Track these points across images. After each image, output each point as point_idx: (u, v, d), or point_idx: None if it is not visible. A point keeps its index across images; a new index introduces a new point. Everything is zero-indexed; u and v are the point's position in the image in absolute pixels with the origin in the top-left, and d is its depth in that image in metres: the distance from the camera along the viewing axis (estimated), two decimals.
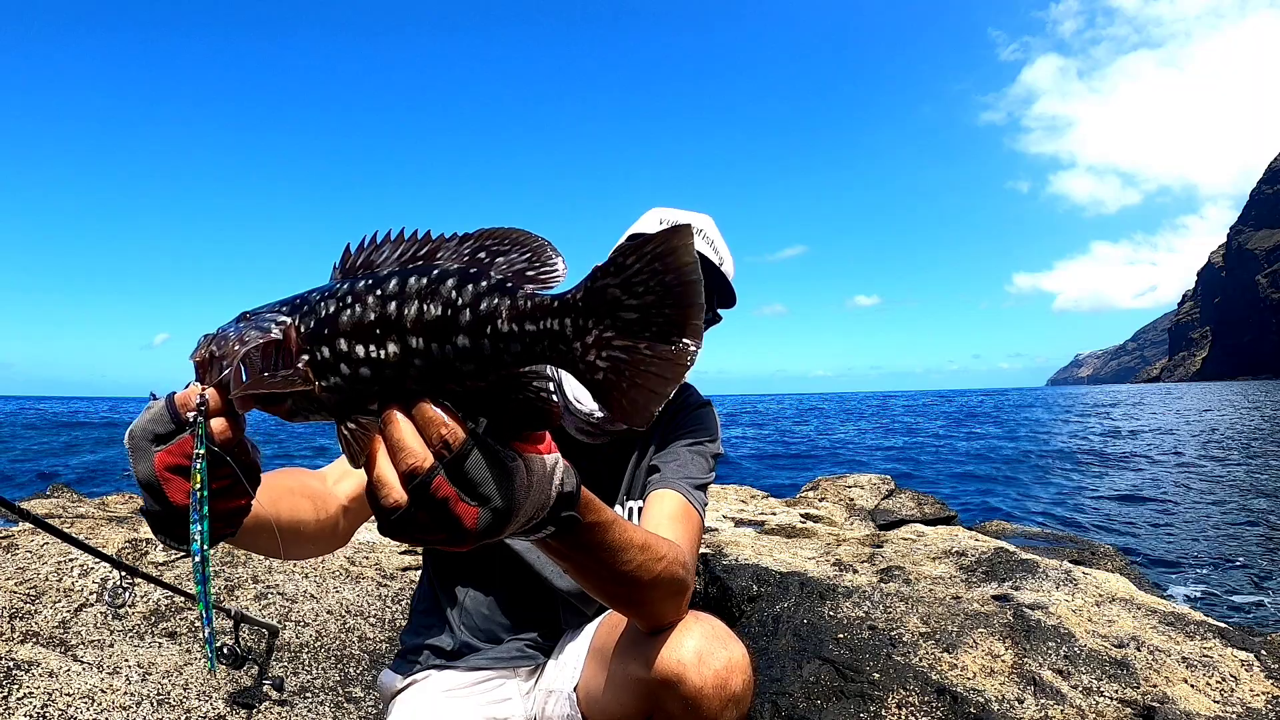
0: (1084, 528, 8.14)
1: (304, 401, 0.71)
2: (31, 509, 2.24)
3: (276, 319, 0.72)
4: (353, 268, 0.71)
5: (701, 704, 1.09)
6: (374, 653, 2.55)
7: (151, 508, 0.73)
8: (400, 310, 0.64)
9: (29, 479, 14.38)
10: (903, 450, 20.90)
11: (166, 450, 0.71)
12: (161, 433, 0.71)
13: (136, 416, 0.75)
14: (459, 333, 0.63)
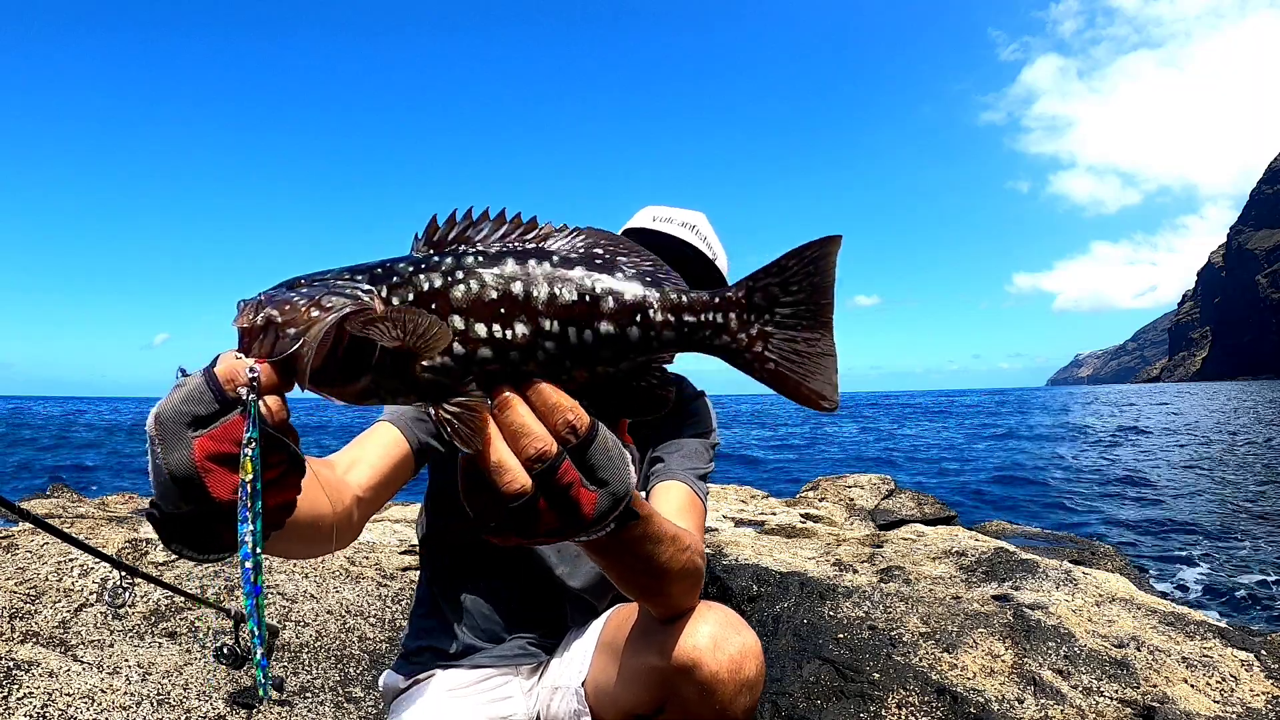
0: (1084, 528, 8.14)
1: (393, 380, 0.64)
2: (31, 509, 2.24)
3: (359, 287, 0.64)
4: (443, 241, 0.68)
5: (717, 689, 1.11)
6: (374, 653, 2.55)
7: (175, 508, 0.59)
8: (529, 291, 0.65)
9: (31, 479, 14.38)
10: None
11: (209, 435, 0.59)
12: (202, 414, 0.59)
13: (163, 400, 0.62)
14: (602, 319, 0.67)
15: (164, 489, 0.59)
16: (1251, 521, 8.24)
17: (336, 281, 0.65)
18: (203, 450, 0.59)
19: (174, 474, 0.58)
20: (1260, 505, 9.32)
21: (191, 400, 0.59)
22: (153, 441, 0.59)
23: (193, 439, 0.58)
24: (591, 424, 0.66)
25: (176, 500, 0.59)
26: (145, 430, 0.61)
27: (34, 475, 15.09)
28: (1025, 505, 10.16)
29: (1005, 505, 10.17)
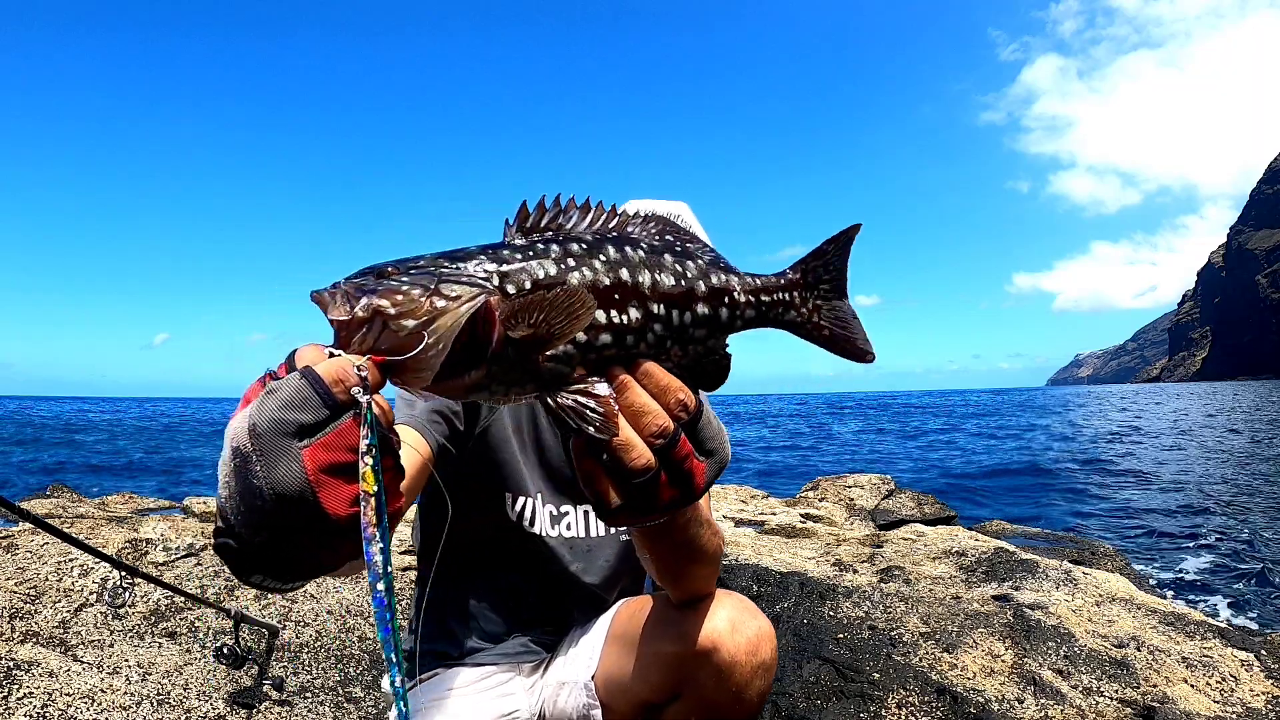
0: (1084, 528, 8.14)
1: (513, 371, 0.62)
2: (31, 509, 2.24)
3: (473, 274, 0.62)
4: (535, 227, 0.69)
5: (734, 671, 1.14)
6: (374, 653, 2.55)
7: (268, 531, 0.52)
8: (636, 277, 0.68)
9: (31, 479, 14.39)
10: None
11: (320, 444, 0.52)
12: (309, 422, 0.53)
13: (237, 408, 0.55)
14: (698, 301, 0.72)
15: (259, 511, 0.52)
16: (1252, 522, 8.24)
17: (442, 268, 0.62)
18: (315, 462, 0.52)
19: (280, 492, 0.51)
20: (1261, 505, 9.33)
21: (294, 406, 0.52)
22: (246, 458, 0.51)
23: (301, 450, 0.52)
24: (698, 399, 0.70)
25: (279, 521, 0.52)
26: (232, 447, 0.53)
27: (34, 475, 15.09)
28: (1025, 505, 10.16)
29: (1005, 505, 10.18)
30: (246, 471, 0.52)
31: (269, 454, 0.52)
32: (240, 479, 0.52)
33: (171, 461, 19.49)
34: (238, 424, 0.53)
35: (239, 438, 0.52)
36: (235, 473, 0.53)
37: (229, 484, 0.53)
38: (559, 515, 1.44)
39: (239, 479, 0.52)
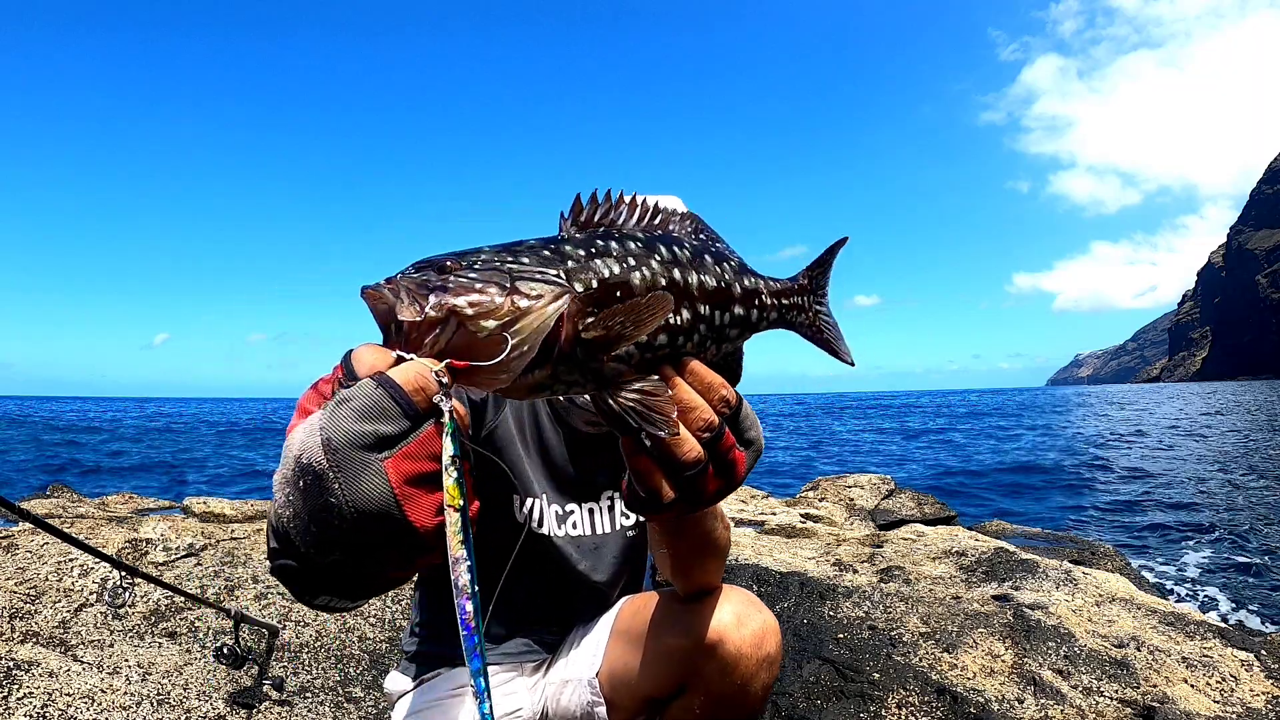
0: (1084, 528, 8.14)
1: (577, 372, 0.62)
2: (31, 509, 2.24)
3: (545, 271, 0.60)
4: (589, 222, 0.69)
5: (740, 664, 1.16)
6: (374, 653, 2.55)
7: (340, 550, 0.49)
8: (686, 278, 0.70)
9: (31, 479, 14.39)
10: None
11: (401, 455, 0.50)
12: (390, 433, 0.50)
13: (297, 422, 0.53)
14: (735, 303, 0.76)
15: (335, 530, 0.49)
16: (1252, 521, 8.24)
17: (510, 264, 0.60)
18: (399, 474, 0.50)
19: (363, 508, 0.48)
20: (1261, 505, 9.33)
21: (373, 417, 0.50)
22: (320, 476, 0.48)
23: (381, 463, 0.49)
24: (737, 394, 0.72)
25: (359, 539, 0.49)
26: (300, 464, 0.49)
27: (34, 475, 15.10)
28: (1025, 504, 10.16)
29: (1005, 505, 10.18)
30: (320, 489, 0.48)
31: (348, 469, 0.49)
32: (310, 498, 0.49)
33: (171, 462, 19.50)
34: (304, 439, 0.50)
35: (309, 453, 0.49)
36: (304, 492, 0.49)
37: (292, 503, 0.50)
38: (564, 515, 1.44)
39: (309, 498, 0.49)
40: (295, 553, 0.51)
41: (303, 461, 0.50)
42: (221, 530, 3.32)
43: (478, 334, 0.55)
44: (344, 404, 0.51)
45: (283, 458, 0.52)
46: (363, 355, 0.55)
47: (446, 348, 0.55)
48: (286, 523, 0.51)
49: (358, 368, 0.54)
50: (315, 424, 0.51)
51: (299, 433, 0.51)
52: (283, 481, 0.51)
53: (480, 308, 0.55)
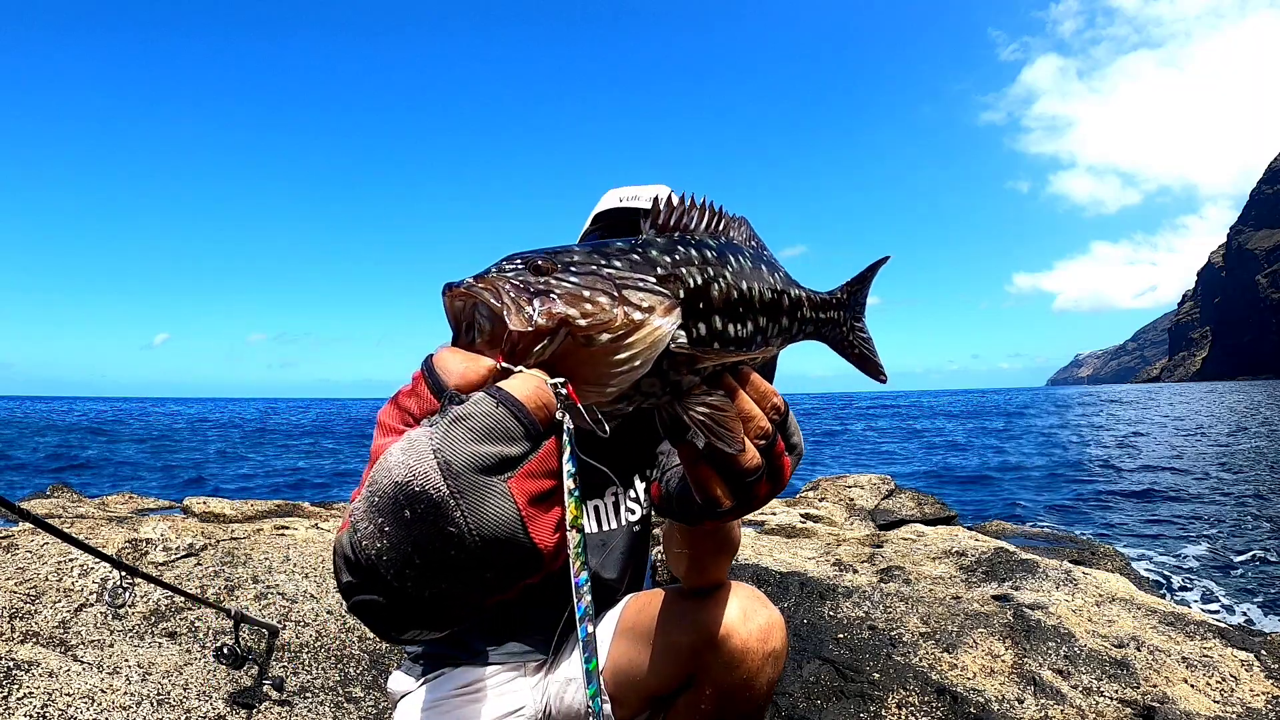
0: (1084, 528, 8.14)
1: (658, 382, 0.61)
2: (31, 509, 2.24)
3: (645, 280, 0.58)
4: (666, 225, 0.69)
5: (746, 658, 1.17)
6: (374, 653, 2.55)
7: (467, 570, 0.45)
8: (749, 288, 0.71)
9: (31, 479, 14.39)
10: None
11: (524, 474, 0.47)
12: (515, 454, 0.47)
13: (394, 449, 0.47)
14: (783, 314, 0.76)
15: (448, 560, 0.45)
16: (1252, 521, 8.24)
17: (608, 269, 0.57)
18: (524, 495, 0.47)
19: (488, 535, 0.45)
20: (1261, 505, 9.33)
21: (496, 437, 0.46)
22: (437, 504, 0.44)
23: (504, 485, 0.46)
24: (785, 401, 0.73)
25: (478, 568, 0.45)
26: (408, 491, 0.44)
27: (34, 475, 15.09)
28: (1026, 504, 10.16)
29: (1005, 504, 10.18)
30: (436, 517, 0.44)
31: (471, 495, 0.45)
32: (419, 526, 0.44)
33: (172, 461, 19.50)
34: (411, 462, 0.45)
35: (420, 479, 0.44)
36: (410, 521, 0.44)
37: (387, 534, 0.45)
38: None
39: (416, 527, 0.44)
40: (385, 587, 0.46)
41: (412, 488, 0.45)
42: (221, 530, 3.32)
43: (589, 346, 0.53)
44: (459, 423, 0.46)
45: (372, 483, 0.47)
46: (448, 363, 0.51)
47: (549, 357, 0.52)
48: (374, 555, 0.46)
49: (445, 377, 0.50)
50: (424, 446, 0.46)
51: (397, 455, 0.46)
52: (372, 510, 0.46)
53: (593, 319, 0.53)
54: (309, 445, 25.62)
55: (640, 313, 0.55)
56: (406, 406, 0.52)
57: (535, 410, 0.48)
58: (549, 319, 0.52)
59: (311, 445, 25.57)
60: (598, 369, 0.54)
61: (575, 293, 0.54)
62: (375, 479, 0.47)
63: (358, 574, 0.47)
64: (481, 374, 0.51)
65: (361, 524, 0.47)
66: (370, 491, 0.47)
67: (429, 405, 0.50)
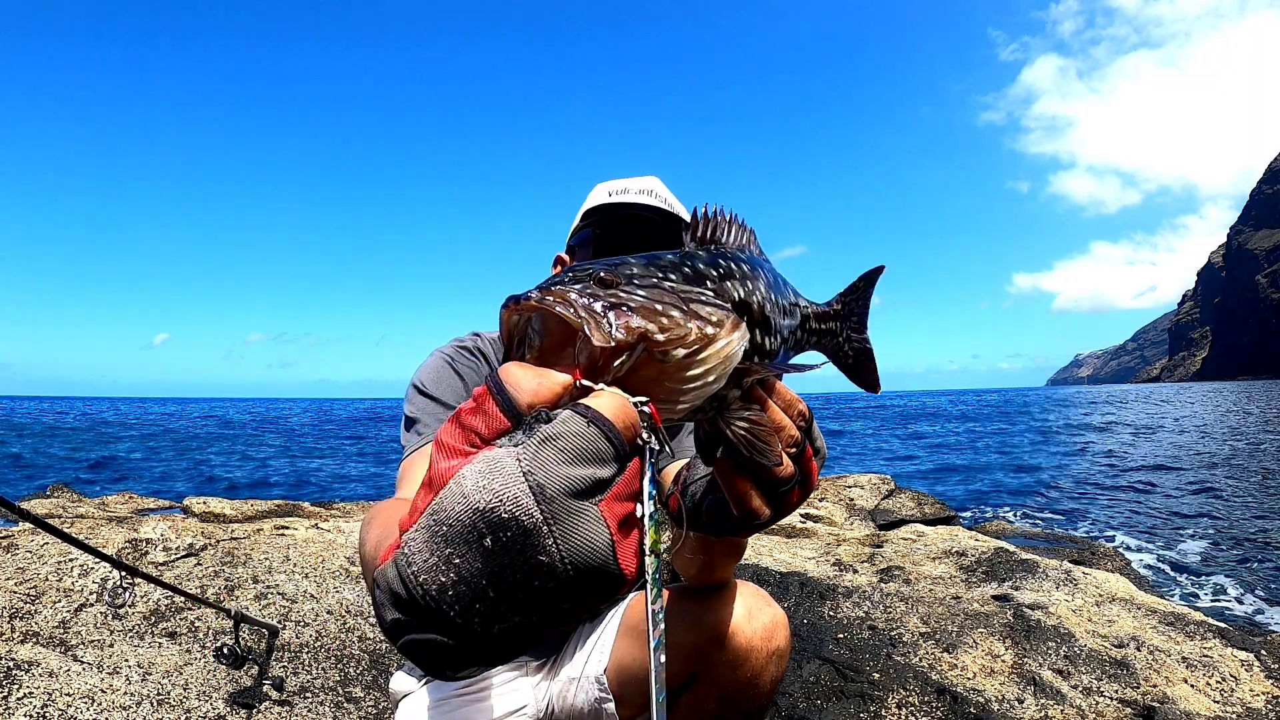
0: (1084, 528, 8.14)
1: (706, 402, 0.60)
2: (31, 509, 2.24)
3: (704, 292, 0.57)
4: (704, 238, 0.70)
5: (750, 657, 1.17)
6: (374, 653, 2.55)
7: (550, 601, 0.42)
8: (775, 301, 0.72)
9: (31, 479, 14.39)
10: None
11: (613, 497, 0.44)
12: (605, 477, 0.44)
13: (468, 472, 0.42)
14: (796, 326, 0.78)
15: (532, 592, 0.41)
16: (1252, 521, 8.24)
17: (665, 282, 0.56)
18: (615, 519, 0.44)
19: (581, 563, 0.41)
20: (1261, 505, 9.33)
21: (589, 459, 0.43)
22: (528, 532, 0.41)
23: (598, 508, 0.43)
24: (809, 407, 0.74)
25: (564, 598, 0.42)
26: (493, 519, 0.41)
27: (34, 475, 15.10)
28: (1026, 504, 10.17)
29: (1005, 504, 10.18)
30: (525, 546, 0.40)
31: (565, 520, 0.41)
32: (501, 556, 0.41)
33: (171, 461, 19.51)
34: (499, 488, 0.41)
35: (509, 505, 0.41)
36: (490, 550, 0.41)
37: (456, 566, 0.41)
38: None
39: (497, 557, 0.41)
40: (446, 624, 0.42)
41: (498, 515, 0.41)
42: (221, 530, 3.32)
43: (664, 361, 0.50)
44: (549, 444, 0.43)
45: (437, 511, 0.43)
46: (520, 380, 0.48)
47: (624, 373, 0.49)
48: (437, 591, 0.41)
49: (517, 395, 0.47)
50: (512, 469, 0.42)
51: (475, 479, 0.42)
52: (437, 540, 0.42)
53: (670, 333, 0.50)
54: (309, 445, 25.63)
55: (711, 327, 0.53)
56: (472, 425, 0.47)
57: (623, 429, 0.46)
58: (628, 333, 0.49)
59: (312, 445, 25.58)
60: (670, 385, 0.52)
61: (649, 306, 0.51)
62: (444, 506, 0.42)
63: (412, 611, 0.43)
64: (556, 391, 0.48)
65: (420, 556, 0.42)
66: (435, 520, 0.42)
67: (499, 424, 0.46)
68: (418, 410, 1.22)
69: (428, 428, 1.19)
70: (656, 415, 0.49)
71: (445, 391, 1.24)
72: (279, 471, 16.88)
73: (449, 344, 1.35)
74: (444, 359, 1.30)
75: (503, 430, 0.46)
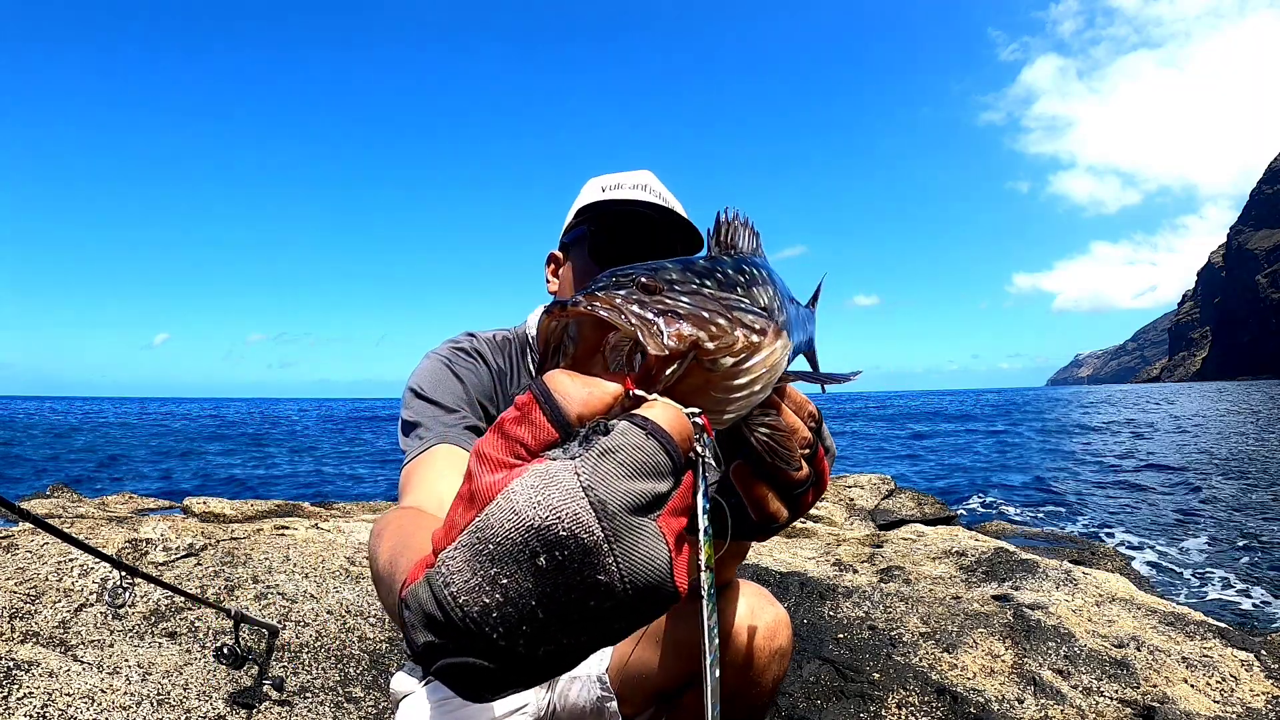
0: (1084, 528, 8.14)
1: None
2: (31, 509, 2.24)
3: (742, 301, 0.56)
4: (724, 243, 0.69)
5: (753, 656, 1.18)
6: (374, 653, 2.55)
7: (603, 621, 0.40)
8: (787, 306, 0.72)
9: (31, 479, 14.39)
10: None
11: (669, 512, 0.42)
12: (664, 491, 0.42)
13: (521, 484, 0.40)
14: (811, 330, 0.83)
15: (589, 612, 0.39)
16: (1252, 521, 8.24)
17: (703, 288, 0.55)
18: (673, 535, 0.42)
19: (641, 582, 0.39)
20: (1261, 505, 9.33)
21: (649, 473, 0.41)
22: (589, 549, 0.39)
23: (657, 524, 0.41)
24: (818, 408, 0.74)
25: (622, 617, 0.40)
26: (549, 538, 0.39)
27: (34, 475, 15.10)
28: (1026, 504, 10.17)
29: (1005, 504, 10.18)
30: (583, 564, 0.38)
31: (626, 537, 0.39)
32: (557, 577, 0.39)
33: (172, 461, 19.51)
34: (556, 503, 0.39)
35: (571, 522, 0.38)
36: (546, 571, 0.39)
37: (503, 588, 0.39)
38: None
39: (554, 577, 0.39)
40: (487, 647, 0.40)
41: (555, 533, 0.38)
42: (221, 530, 3.32)
43: (713, 370, 0.49)
44: (609, 457, 0.41)
45: (482, 529, 0.40)
46: (568, 389, 0.45)
47: (674, 381, 0.48)
48: (479, 612, 0.39)
49: (566, 404, 0.45)
50: (570, 484, 0.40)
51: (528, 494, 0.40)
52: (481, 559, 0.40)
53: (719, 341, 0.49)
54: (309, 445, 25.64)
55: (756, 335, 0.52)
56: (518, 436, 0.44)
57: (681, 442, 0.44)
58: (679, 341, 0.47)
59: (312, 445, 25.59)
60: (715, 395, 0.50)
61: (697, 314, 0.50)
62: (491, 523, 0.40)
63: (449, 634, 0.40)
64: (607, 401, 0.46)
65: (460, 576, 0.40)
66: (480, 538, 0.40)
67: (546, 435, 0.44)
68: (417, 414, 1.18)
69: (429, 431, 1.16)
70: (709, 427, 0.47)
71: (445, 395, 1.20)
72: (279, 471, 16.88)
73: (443, 346, 1.31)
74: (441, 361, 1.26)
75: (550, 442, 0.43)
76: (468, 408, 1.19)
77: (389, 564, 0.70)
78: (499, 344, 1.34)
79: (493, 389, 1.27)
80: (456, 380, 1.23)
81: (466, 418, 1.18)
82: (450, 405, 1.19)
